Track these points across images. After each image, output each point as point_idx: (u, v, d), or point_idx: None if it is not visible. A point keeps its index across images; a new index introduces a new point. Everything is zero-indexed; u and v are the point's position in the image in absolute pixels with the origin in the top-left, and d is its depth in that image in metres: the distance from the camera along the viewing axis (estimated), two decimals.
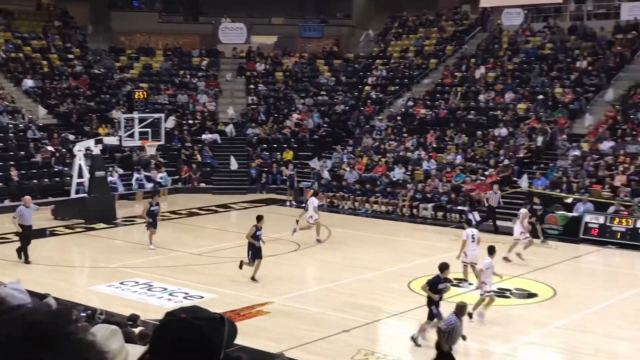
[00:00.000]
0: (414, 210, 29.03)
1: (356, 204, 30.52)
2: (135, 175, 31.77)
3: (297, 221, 23.79)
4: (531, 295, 17.65)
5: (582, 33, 38.24)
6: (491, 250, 15.82)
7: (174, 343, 2.16)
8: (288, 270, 19.74)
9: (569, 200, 26.62)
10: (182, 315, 2.26)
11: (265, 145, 36.39)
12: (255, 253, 18.17)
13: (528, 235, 21.43)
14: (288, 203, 31.30)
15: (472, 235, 18.30)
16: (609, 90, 33.48)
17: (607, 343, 14.32)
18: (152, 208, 22.21)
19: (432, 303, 13.53)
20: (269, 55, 43.31)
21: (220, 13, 44.22)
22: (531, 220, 22.56)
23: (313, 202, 24.21)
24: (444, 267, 14.15)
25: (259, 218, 18.55)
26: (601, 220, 24.64)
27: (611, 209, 25.06)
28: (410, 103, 37.90)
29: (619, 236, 24.05)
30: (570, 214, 25.68)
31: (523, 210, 22.13)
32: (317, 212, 23.99)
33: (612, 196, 26.14)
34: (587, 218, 24.95)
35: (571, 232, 25.03)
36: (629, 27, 37.10)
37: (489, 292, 15.15)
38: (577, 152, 29.61)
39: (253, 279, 18.14)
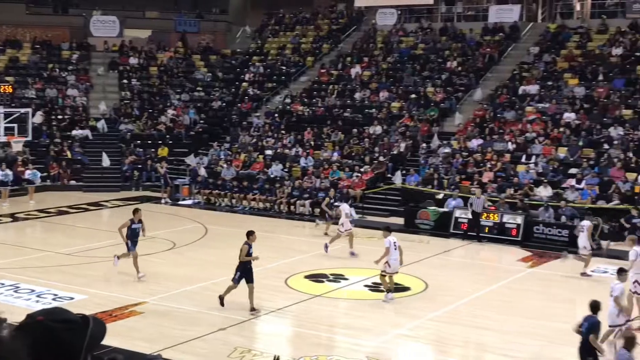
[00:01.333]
0: (292, 207, 29.16)
1: (233, 201, 30.33)
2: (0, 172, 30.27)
3: (326, 233, 23.12)
4: (404, 288, 18.05)
5: (452, 34, 39.54)
6: (620, 272, 14.25)
7: (30, 345, 2.09)
8: (163, 269, 19.35)
9: (440, 196, 27.46)
10: (39, 318, 2.16)
11: (139, 142, 35.57)
12: (247, 275, 15.51)
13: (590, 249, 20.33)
14: (163, 201, 30.76)
15: (394, 242, 17.10)
16: (478, 89, 34.79)
17: (475, 333, 14.85)
18: (133, 226, 18.08)
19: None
20: (142, 49, 42.34)
21: (91, 5, 42.95)
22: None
23: (345, 209, 22.82)
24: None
25: (250, 233, 15.87)
26: (470, 215, 25.53)
27: None
28: (288, 100, 38.05)
29: (487, 230, 25.02)
30: (441, 210, 26.49)
31: (587, 223, 20.78)
32: (348, 219, 22.51)
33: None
34: (457, 213, 25.80)
35: (442, 227, 25.84)
36: (496, 29, 38.67)
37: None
38: (447, 150, 30.58)
39: (253, 309, 15.48)
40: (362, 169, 30.39)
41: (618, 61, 33.64)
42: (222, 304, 15.60)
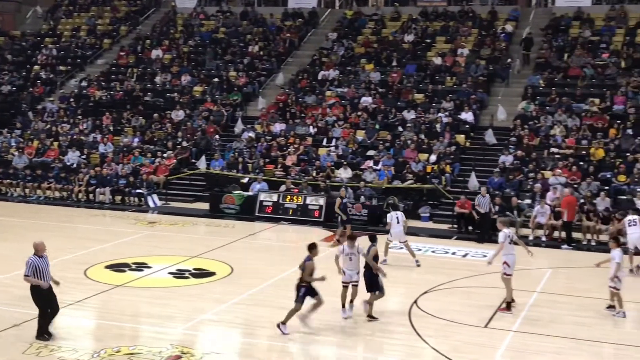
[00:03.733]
0: (91, 195, 28.03)
1: (27, 190, 28.70)
2: None
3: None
4: (209, 274, 17.90)
5: (253, 19, 39.66)
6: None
7: None
8: None
9: (245, 180, 27.53)
10: None
11: None
12: (311, 291, 13.86)
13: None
14: None
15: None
16: (279, 74, 35.18)
17: (282, 314, 14.93)
18: None
19: None
20: None
21: None
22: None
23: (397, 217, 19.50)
24: None
25: (312, 247, 14.15)
26: (274, 198, 25.83)
27: (282, 188, 26.36)
28: (84, 84, 36.48)
29: (291, 212, 25.42)
30: (246, 193, 26.56)
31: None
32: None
33: (284, 175, 27.51)
34: (262, 197, 26.00)
35: (247, 211, 25.94)
36: (296, 14, 39.26)
37: None
38: (251, 134, 30.68)
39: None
40: (164, 155, 29.78)
41: (410, 47, 35.31)
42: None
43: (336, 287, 14.70)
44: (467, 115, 29.92)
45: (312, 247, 14.02)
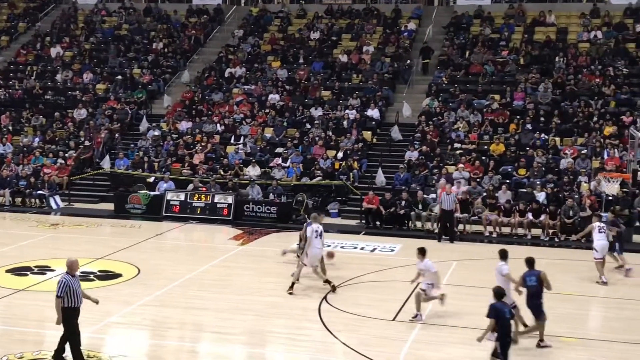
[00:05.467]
0: None
1: None
2: None
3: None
4: (115, 275, 17.52)
5: (157, 15, 39.04)
6: None
7: None
8: None
9: (151, 180, 27.07)
10: None
11: None
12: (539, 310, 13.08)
13: None
14: None
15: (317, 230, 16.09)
16: (185, 71, 34.76)
17: (190, 314, 14.83)
18: None
19: None
20: None
21: None
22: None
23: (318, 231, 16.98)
24: None
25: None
26: (182, 197, 25.51)
27: (190, 186, 26.05)
28: None
29: (199, 211, 25.16)
30: (152, 193, 26.12)
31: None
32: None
33: (191, 174, 27.21)
34: (169, 196, 25.63)
35: (154, 210, 25.52)
36: (201, 11, 38.88)
37: None
38: (156, 132, 30.20)
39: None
40: (66, 154, 28.96)
41: (316, 45, 35.48)
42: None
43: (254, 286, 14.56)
44: (373, 112, 30.30)
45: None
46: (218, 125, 30.59)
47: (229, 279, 17.57)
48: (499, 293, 11.59)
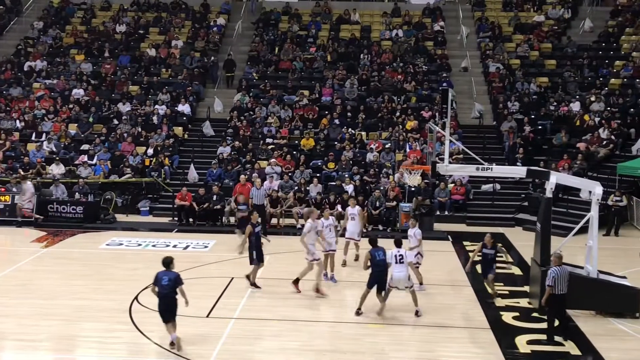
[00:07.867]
0: None
1: None
2: None
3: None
4: None
5: None
6: None
7: None
8: None
9: None
10: None
11: None
12: None
13: None
14: None
15: None
16: None
17: None
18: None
19: None
20: None
21: None
22: None
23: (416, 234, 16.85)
24: None
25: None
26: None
27: None
28: None
29: None
30: None
31: None
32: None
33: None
34: None
35: None
36: None
37: None
38: None
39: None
40: None
41: (122, 38, 34.43)
42: None
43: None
44: (184, 107, 29.88)
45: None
46: (17, 121, 28.89)
47: (31, 283, 16.62)
48: None
